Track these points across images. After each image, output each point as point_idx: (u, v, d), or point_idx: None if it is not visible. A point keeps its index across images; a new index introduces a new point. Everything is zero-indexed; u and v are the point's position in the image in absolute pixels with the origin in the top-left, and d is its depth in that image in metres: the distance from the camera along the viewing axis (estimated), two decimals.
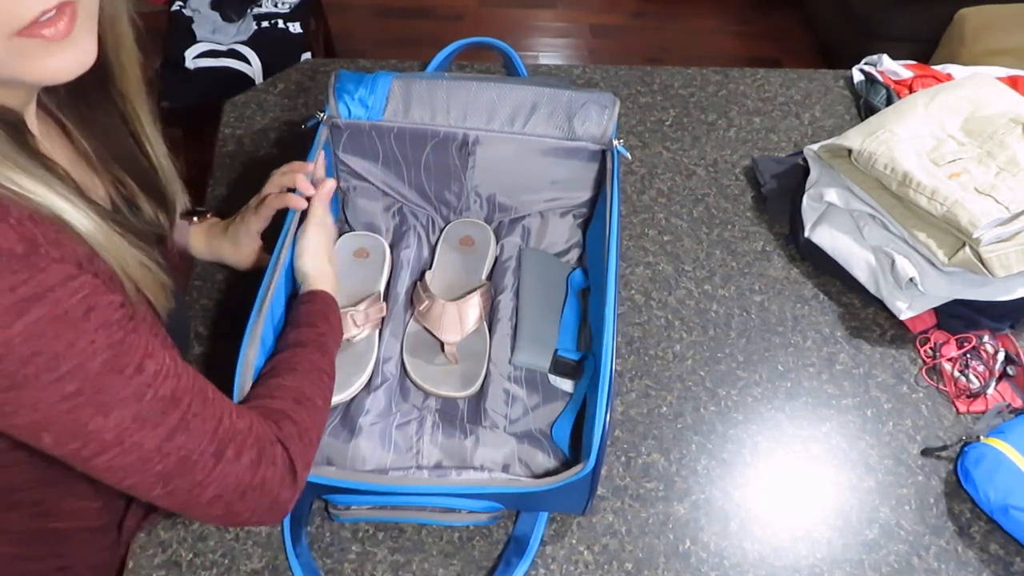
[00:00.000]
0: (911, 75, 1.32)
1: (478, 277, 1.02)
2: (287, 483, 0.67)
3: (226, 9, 2.05)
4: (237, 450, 0.63)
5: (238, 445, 0.64)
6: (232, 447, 0.63)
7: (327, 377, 0.77)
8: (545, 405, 0.91)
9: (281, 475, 0.67)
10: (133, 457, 0.58)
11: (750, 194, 1.21)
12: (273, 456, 0.66)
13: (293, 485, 0.68)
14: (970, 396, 0.99)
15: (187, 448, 0.60)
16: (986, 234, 0.92)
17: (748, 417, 0.96)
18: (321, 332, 0.79)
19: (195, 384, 0.63)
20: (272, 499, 0.66)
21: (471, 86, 1.00)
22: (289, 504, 0.69)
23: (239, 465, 0.63)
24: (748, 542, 0.86)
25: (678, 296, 1.08)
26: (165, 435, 0.59)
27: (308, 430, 0.71)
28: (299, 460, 0.69)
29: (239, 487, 0.64)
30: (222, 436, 0.63)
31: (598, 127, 0.99)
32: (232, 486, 0.63)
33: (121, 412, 0.57)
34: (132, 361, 0.57)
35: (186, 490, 0.62)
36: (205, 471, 0.62)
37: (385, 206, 1.07)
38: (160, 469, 0.60)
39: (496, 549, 0.84)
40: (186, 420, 0.60)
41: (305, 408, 0.72)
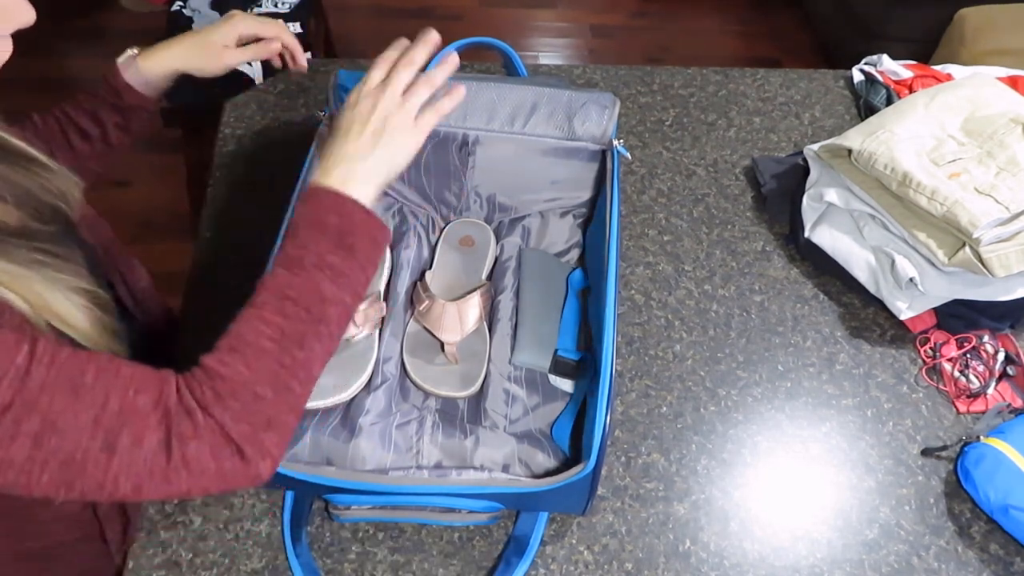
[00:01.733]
0: (911, 75, 1.32)
1: (478, 277, 1.02)
2: (226, 454, 0.58)
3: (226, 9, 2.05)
4: (135, 435, 0.56)
5: (135, 429, 0.56)
6: (127, 434, 0.56)
7: (292, 304, 0.62)
8: (545, 405, 0.91)
9: (212, 447, 0.58)
10: (12, 475, 0.54)
11: (750, 194, 1.21)
12: (192, 430, 0.57)
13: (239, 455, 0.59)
14: (970, 396, 0.99)
15: (64, 450, 0.54)
16: (986, 234, 0.92)
17: (748, 417, 0.96)
18: (299, 244, 0.65)
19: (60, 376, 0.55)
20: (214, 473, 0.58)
21: (471, 86, 1.00)
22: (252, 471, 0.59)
23: (143, 451, 0.56)
24: (748, 542, 0.86)
25: (678, 296, 1.08)
26: (30, 444, 0.53)
27: (248, 383, 0.60)
28: (238, 424, 0.59)
29: (156, 473, 0.56)
30: (108, 425, 0.55)
31: (598, 127, 0.99)
32: (146, 474, 0.56)
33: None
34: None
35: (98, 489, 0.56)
36: (100, 468, 0.55)
37: (385, 206, 1.07)
38: (48, 479, 0.54)
39: (496, 549, 0.84)
40: (50, 421, 0.54)
41: (242, 357, 0.61)
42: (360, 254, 0.66)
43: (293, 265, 0.64)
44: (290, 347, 0.62)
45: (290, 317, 0.62)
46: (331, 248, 0.65)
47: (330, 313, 0.64)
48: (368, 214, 0.67)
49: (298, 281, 0.63)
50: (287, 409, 0.62)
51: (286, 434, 0.62)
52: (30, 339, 0.55)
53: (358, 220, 0.66)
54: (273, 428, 0.60)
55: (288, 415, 0.62)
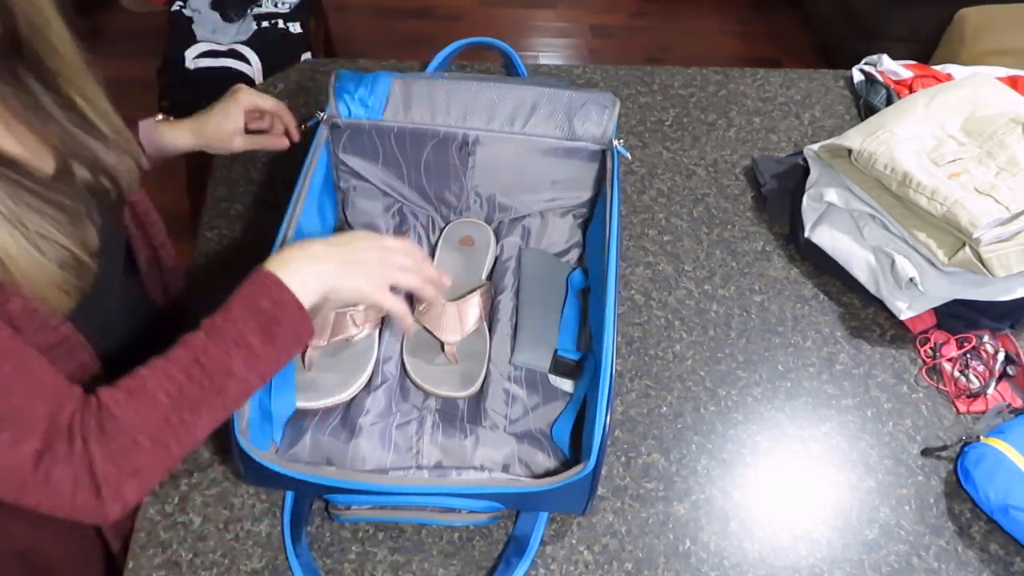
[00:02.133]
0: (911, 75, 1.32)
1: (478, 277, 1.02)
2: (84, 487, 0.61)
3: (226, 9, 2.05)
4: (15, 436, 0.59)
5: (19, 431, 0.59)
6: (11, 431, 0.59)
7: (200, 370, 0.66)
8: (545, 405, 0.91)
9: (75, 476, 0.61)
10: None
11: (750, 194, 1.21)
12: (66, 453, 0.60)
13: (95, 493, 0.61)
14: (970, 396, 0.99)
15: None
16: (986, 234, 0.92)
17: (748, 417, 0.96)
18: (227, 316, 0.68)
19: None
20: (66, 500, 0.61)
21: (471, 86, 1.00)
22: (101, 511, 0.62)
23: (16, 452, 0.59)
24: (748, 542, 0.86)
25: (678, 296, 1.08)
26: None
27: (133, 429, 0.62)
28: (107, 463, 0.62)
29: (16, 476, 0.59)
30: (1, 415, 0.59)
31: (598, 127, 0.99)
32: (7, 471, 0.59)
33: None
34: None
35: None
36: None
37: (385, 206, 1.08)
38: None
39: (496, 549, 0.84)
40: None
41: (135, 403, 0.63)
42: (279, 344, 0.69)
43: (216, 334, 0.67)
44: (182, 408, 0.65)
45: (193, 380, 0.65)
46: (255, 330, 0.68)
47: (231, 389, 0.67)
48: (300, 310, 0.70)
49: (214, 350, 0.66)
50: (158, 463, 0.64)
51: (147, 485, 0.64)
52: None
53: (289, 312, 0.70)
54: (137, 477, 0.63)
55: (156, 469, 0.65)
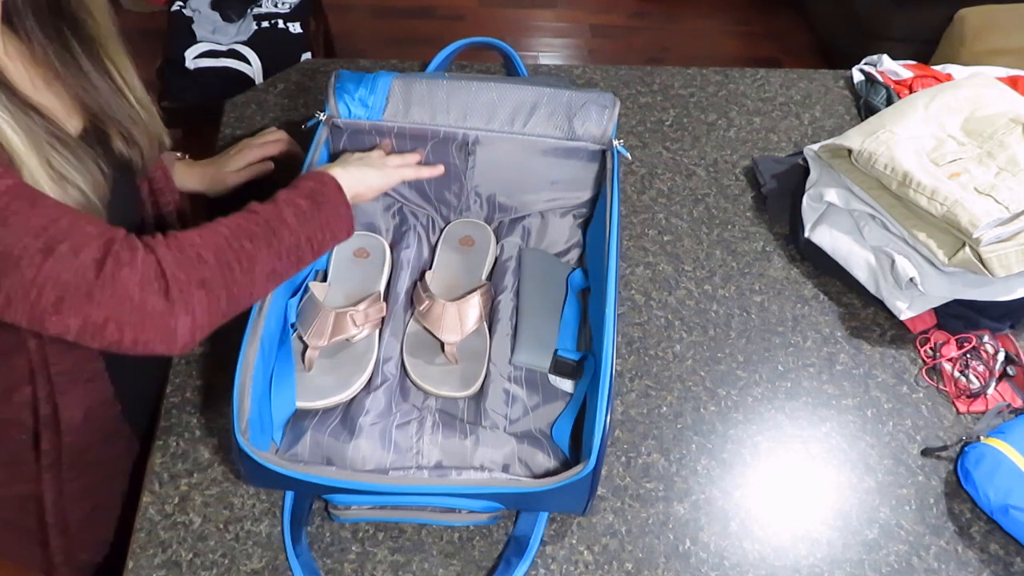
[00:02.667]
0: (911, 75, 1.32)
1: (478, 277, 1.02)
2: (153, 288, 0.62)
3: (226, 9, 2.05)
4: (74, 246, 0.60)
5: (76, 242, 0.60)
6: (68, 243, 0.60)
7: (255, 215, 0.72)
8: (545, 405, 0.91)
9: (142, 277, 0.62)
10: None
11: (750, 194, 1.21)
12: (130, 258, 0.62)
13: (164, 294, 0.62)
14: (970, 396, 0.99)
15: (5, 242, 0.58)
16: (986, 234, 0.92)
17: (748, 417, 0.96)
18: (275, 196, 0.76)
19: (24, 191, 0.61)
20: (135, 305, 0.61)
21: (471, 86, 1.00)
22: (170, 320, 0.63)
23: (76, 261, 0.60)
24: (748, 542, 0.86)
25: (678, 296, 1.08)
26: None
27: (195, 245, 0.66)
28: (173, 266, 0.64)
29: (80, 286, 0.60)
30: (55, 233, 0.60)
31: (598, 127, 0.99)
32: (72, 285, 0.59)
33: None
34: None
35: (23, 294, 0.59)
36: (33, 267, 0.59)
37: (385, 206, 1.07)
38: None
39: (496, 549, 0.84)
40: (3, 216, 0.59)
41: (198, 230, 0.68)
42: (326, 212, 0.76)
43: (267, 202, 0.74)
44: (240, 237, 0.69)
45: (249, 220, 0.71)
46: (302, 196, 0.76)
47: (284, 235, 0.72)
48: (340, 191, 0.78)
49: (266, 206, 0.73)
50: (222, 282, 0.67)
51: (214, 304, 0.66)
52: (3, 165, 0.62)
53: (331, 189, 0.78)
54: (205, 289, 0.65)
55: (222, 289, 0.67)
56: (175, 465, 0.88)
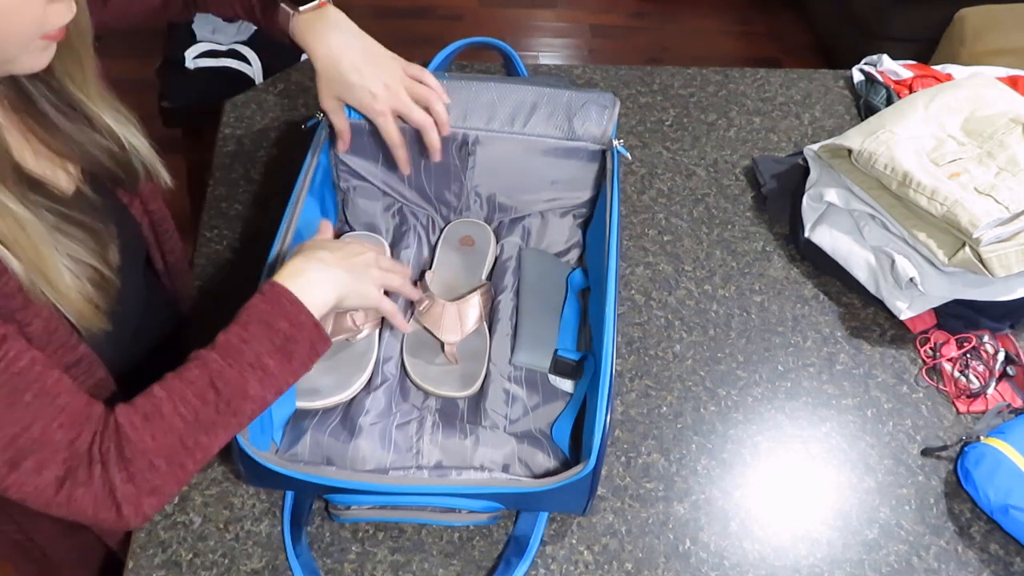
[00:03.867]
0: (911, 75, 1.32)
1: (478, 277, 1.02)
2: (105, 506, 0.63)
3: None
4: (38, 464, 0.61)
5: (41, 458, 0.61)
6: (33, 459, 0.61)
7: (214, 394, 0.67)
8: (545, 405, 0.91)
9: (96, 498, 0.63)
10: None
11: (750, 194, 1.21)
12: (87, 478, 0.63)
13: (116, 511, 0.64)
14: (970, 396, 0.99)
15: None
16: (986, 234, 0.92)
17: (748, 417, 0.96)
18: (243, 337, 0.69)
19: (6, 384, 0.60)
20: (88, 517, 0.64)
21: (471, 86, 1.00)
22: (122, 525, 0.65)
23: (40, 479, 0.61)
24: (748, 542, 0.86)
25: (678, 296, 1.08)
26: None
27: (148, 452, 0.64)
28: (126, 485, 0.64)
29: (41, 501, 0.62)
30: (22, 446, 0.61)
31: (598, 127, 0.99)
32: (32, 496, 0.62)
33: None
34: None
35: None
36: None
37: (385, 206, 1.07)
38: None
39: (496, 549, 0.84)
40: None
41: (151, 428, 0.65)
42: (296, 360, 0.71)
43: (231, 355, 0.68)
44: (198, 431, 0.67)
45: (208, 405, 0.67)
46: (272, 351, 0.69)
47: (246, 408, 0.69)
48: (317, 327, 0.72)
49: (229, 373, 0.67)
50: (174, 481, 0.66)
51: (164, 500, 0.67)
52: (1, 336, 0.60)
53: (306, 330, 0.71)
54: (156, 495, 0.65)
55: (173, 486, 0.67)
56: None
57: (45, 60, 0.66)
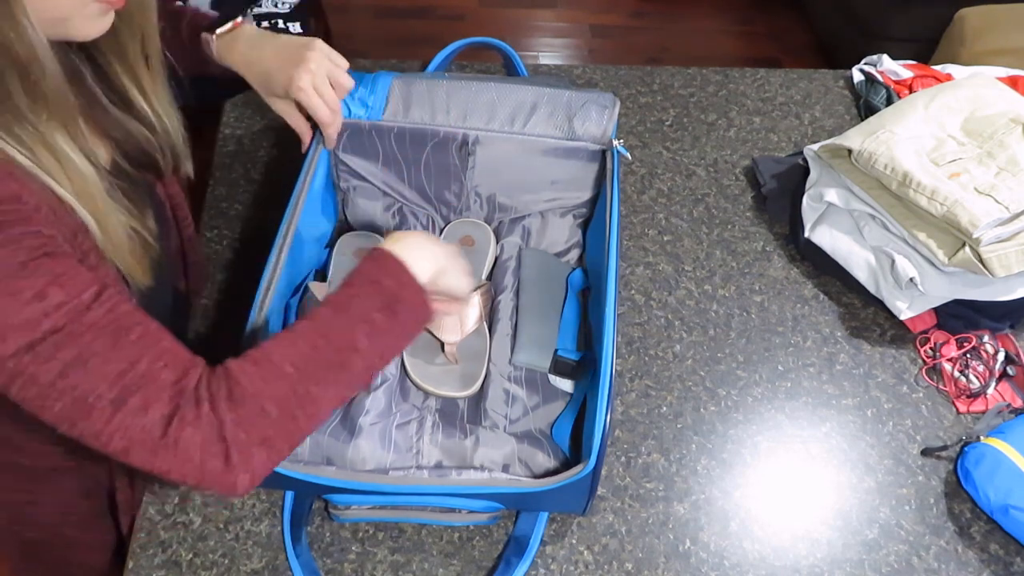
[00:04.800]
0: (911, 75, 1.32)
1: (478, 277, 1.02)
2: (213, 451, 0.60)
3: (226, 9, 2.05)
4: (144, 401, 0.59)
5: (147, 396, 0.59)
6: (139, 396, 0.59)
7: (325, 343, 0.65)
8: (545, 405, 0.91)
9: (204, 439, 0.60)
10: (34, 391, 0.57)
11: (750, 194, 1.21)
12: (194, 416, 0.60)
13: (224, 458, 0.60)
14: (970, 396, 0.99)
15: (83, 388, 0.57)
16: (986, 234, 0.92)
17: (748, 417, 0.96)
18: (352, 293, 0.68)
19: (112, 323, 0.59)
20: (195, 466, 0.60)
21: (471, 86, 1.00)
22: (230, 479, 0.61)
23: (145, 419, 0.59)
24: (748, 542, 0.86)
25: (678, 296, 1.08)
26: (59, 371, 0.57)
27: (258, 396, 0.62)
28: (236, 428, 0.61)
29: (146, 442, 0.59)
30: (128, 382, 0.59)
31: (598, 127, 0.99)
32: (138, 440, 0.59)
33: (15, 340, 0.56)
34: (32, 287, 0.56)
35: (93, 437, 0.59)
36: (103, 418, 0.58)
37: (385, 206, 1.07)
38: (59, 409, 0.58)
39: (496, 549, 0.84)
40: (83, 358, 0.57)
41: (260, 371, 0.63)
42: (401, 322, 0.69)
43: (340, 309, 0.67)
44: (308, 381, 0.64)
45: (319, 354, 0.65)
46: (379, 307, 0.67)
47: (355, 364, 0.66)
48: (420, 291, 0.70)
49: (338, 324, 0.66)
50: (285, 434, 0.63)
51: (275, 458, 0.63)
52: (101, 283, 0.60)
53: (411, 292, 0.69)
54: (266, 447, 0.62)
55: (284, 441, 0.63)
56: None
57: (100, 28, 0.65)
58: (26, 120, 0.60)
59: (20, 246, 0.56)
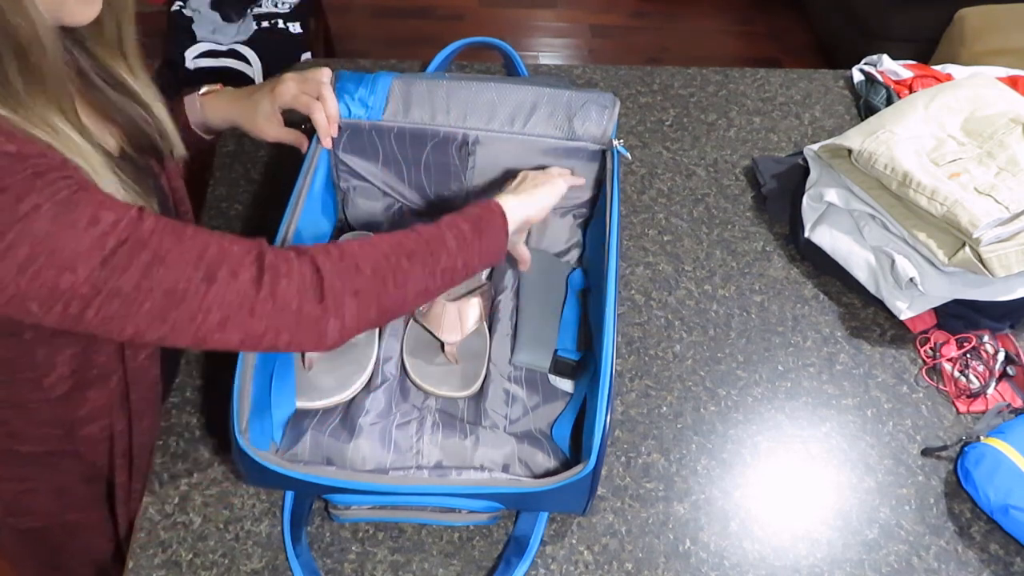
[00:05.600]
0: (911, 75, 1.32)
1: (478, 277, 1.02)
2: (309, 295, 0.65)
3: (226, 9, 2.05)
4: (232, 270, 0.63)
5: (232, 265, 0.63)
6: (225, 268, 0.63)
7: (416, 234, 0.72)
8: (545, 405, 0.91)
9: (300, 285, 0.65)
10: (117, 303, 0.60)
11: (750, 194, 1.21)
12: (287, 269, 0.65)
13: (319, 300, 0.65)
14: (970, 396, 0.99)
15: (169, 280, 0.61)
16: (986, 234, 0.92)
17: (748, 417, 0.96)
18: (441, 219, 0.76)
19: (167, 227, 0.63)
20: (293, 314, 0.65)
21: (471, 86, 1.00)
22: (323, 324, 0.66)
23: (237, 283, 0.63)
24: (748, 542, 0.86)
25: (678, 296, 1.08)
26: (140, 273, 0.60)
27: (353, 255, 0.68)
28: (330, 274, 0.66)
29: (245, 304, 0.63)
30: (210, 261, 0.63)
31: (598, 127, 0.99)
32: (235, 304, 0.63)
33: (87, 264, 0.59)
34: (84, 214, 0.59)
35: (189, 320, 0.62)
36: (198, 297, 0.62)
37: (385, 206, 1.07)
38: (149, 307, 0.61)
39: (496, 549, 0.84)
40: (159, 256, 0.61)
41: (358, 242, 0.70)
42: (484, 241, 0.76)
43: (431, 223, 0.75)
44: (399, 254, 0.71)
45: (410, 239, 0.72)
46: (467, 221, 0.76)
47: (442, 257, 0.73)
48: (504, 225, 0.79)
49: (430, 227, 0.74)
50: (375, 294, 0.68)
51: (364, 314, 0.68)
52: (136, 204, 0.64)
53: (495, 219, 0.78)
54: (358, 298, 0.67)
55: (373, 300, 0.69)
56: (175, 465, 0.88)
57: (92, 12, 0.67)
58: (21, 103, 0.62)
59: (60, 186, 0.59)
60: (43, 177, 0.58)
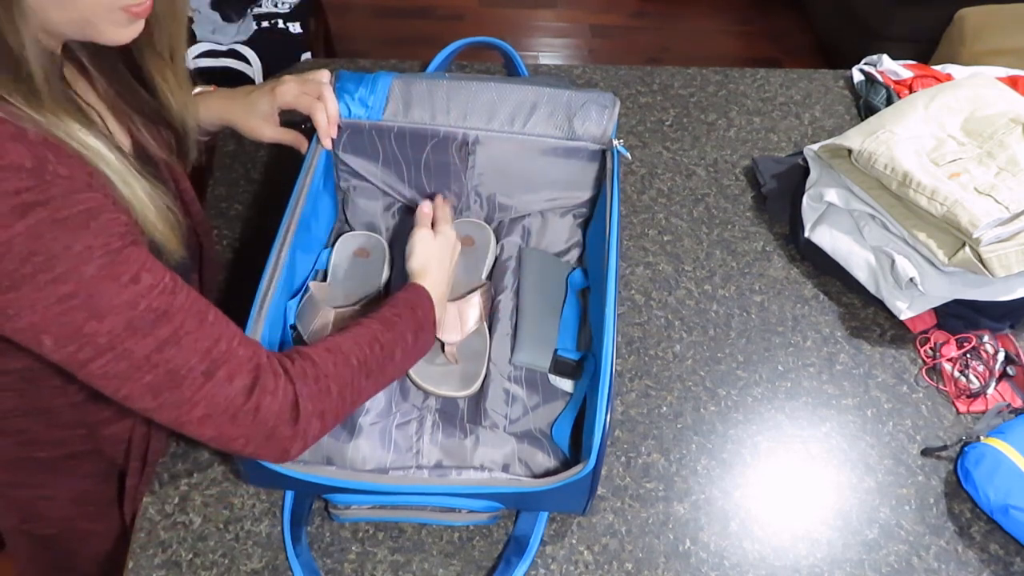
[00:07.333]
0: (911, 75, 1.32)
1: (478, 277, 1.02)
2: (286, 418, 0.68)
3: (226, 9, 2.05)
4: (230, 373, 0.65)
5: (232, 368, 0.65)
6: (225, 369, 0.65)
7: (379, 348, 0.76)
8: (545, 405, 0.91)
9: (280, 407, 0.67)
10: (124, 365, 0.61)
11: (750, 194, 1.21)
12: (274, 387, 0.67)
13: (294, 423, 0.68)
14: (970, 396, 0.99)
15: (176, 362, 0.63)
16: (986, 234, 0.92)
17: (748, 417, 0.96)
18: (396, 313, 0.80)
19: (194, 306, 0.65)
20: (268, 430, 0.67)
21: (471, 86, 1.00)
22: (289, 444, 0.69)
23: (231, 387, 0.65)
24: (748, 542, 0.86)
25: (678, 296, 1.08)
26: (155, 346, 0.62)
27: (328, 377, 0.71)
28: (307, 400, 0.69)
29: (229, 409, 0.65)
30: (216, 357, 0.65)
31: (598, 127, 0.99)
32: (222, 407, 0.65)
33: (114, 318, 0.60)
34: (128, 271, 0.61)
35: (176, 405, 0.64)
36: (193, 388, 0.64)
37: (385, 206, 1.08)
38: (150, 380, 0.62)
39: (496, 549, 0.84)
40: (177, 335, 0.63)
41: (333, 357, 0.72)
42: (419, 346, 0.82)
43: (388, 326, 0.79)
44: (361, 375, 0.74)
45: (373, 355, 0.76)
46: (412, 330, 0.81)
47: (389, 370, 0.78)
48: (434, 326, 0.85)
49: (388, 337, 0.78)
50: (336, 413, 0.72)
51: (323, 431, 0.72)
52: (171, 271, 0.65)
53: (429, 324, 0.83)
54: (321, 420, 0.71)
55: (333, 418, 0.72)
56: (175, 465, 0.88)
57: (128, 36, 0.67)
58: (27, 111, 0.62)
59: (113, 233, 0.60)
60: (97, 219, 0.59)
